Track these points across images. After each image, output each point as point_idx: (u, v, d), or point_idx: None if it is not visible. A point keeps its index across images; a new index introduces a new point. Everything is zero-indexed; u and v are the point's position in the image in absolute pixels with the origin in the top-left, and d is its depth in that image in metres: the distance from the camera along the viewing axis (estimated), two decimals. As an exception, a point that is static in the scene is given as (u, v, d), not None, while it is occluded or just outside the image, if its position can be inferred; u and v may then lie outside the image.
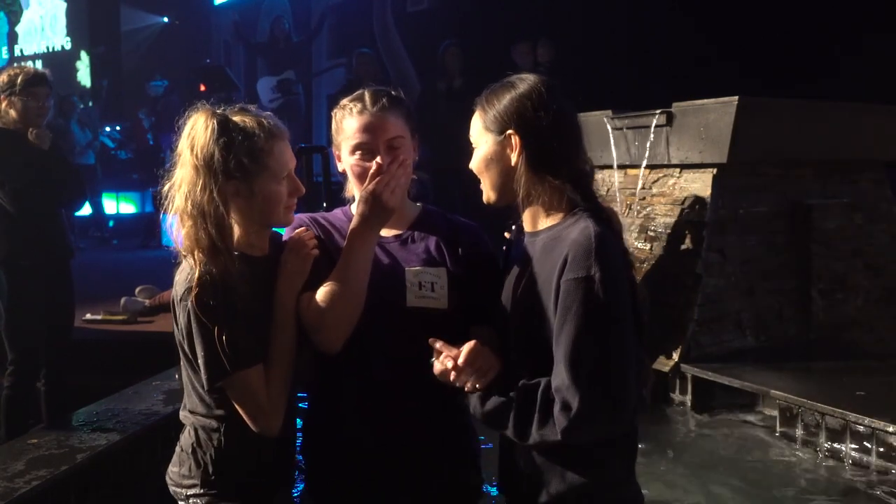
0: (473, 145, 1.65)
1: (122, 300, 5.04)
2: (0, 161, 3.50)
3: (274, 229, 1.75)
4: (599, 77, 6.42)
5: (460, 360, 1.46)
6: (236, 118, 1.63)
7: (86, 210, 9.61)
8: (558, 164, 1.56)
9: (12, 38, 15.31)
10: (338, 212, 1.80)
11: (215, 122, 1.58)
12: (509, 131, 1.57)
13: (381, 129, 1.66)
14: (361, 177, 1.65)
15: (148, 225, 9.70)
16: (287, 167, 1.67)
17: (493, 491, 1.75)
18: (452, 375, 1.47)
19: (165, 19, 13.71)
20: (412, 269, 1.68)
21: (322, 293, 1.59)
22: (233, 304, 1.57)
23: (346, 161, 1.71)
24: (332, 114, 1.76)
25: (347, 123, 1.69)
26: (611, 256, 1.47)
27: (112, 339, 4.62)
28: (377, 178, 1.61)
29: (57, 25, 14.77)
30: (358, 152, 1.67)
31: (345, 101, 1.73)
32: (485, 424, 1.55)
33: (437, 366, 1.49)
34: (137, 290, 5.29)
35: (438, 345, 1.49)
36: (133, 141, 11.80)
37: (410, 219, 1.77)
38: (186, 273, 1.60)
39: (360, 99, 1.70)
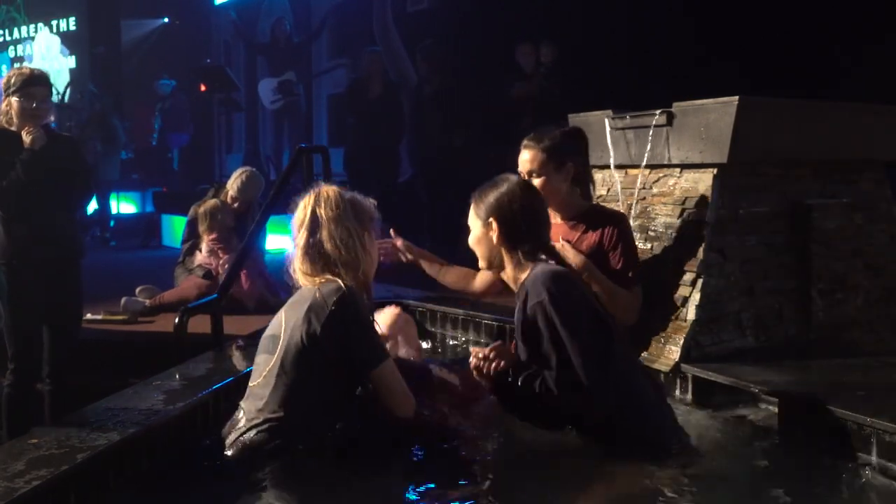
0: (470, 227, 2.40)
1: (123, 300, 5.04)
2: (1, 160, 3.50)
3: None
4: (599, 77, 6.42)
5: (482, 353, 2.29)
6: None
7: (92, 206, 9.63)
8: (526, 240, 2.31)
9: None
10: None
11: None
12: (491, 219, 2.32)
13: None
14: None
15: (148, 225, 9.69)
16: None
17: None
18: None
19: (165, 19, 13.70)
20: None
21: None
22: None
23: None
24: None
25: None
26: (555, 283, 2.14)
27: (112, 339, 4.63)
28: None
29: (60, 78, 14.71)
30: None
31: None
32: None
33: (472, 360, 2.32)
34: (138, 290, 5.29)
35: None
36: (133, 141, 11.78)
37: None
38: (332, 287, 2.22)
39: None
